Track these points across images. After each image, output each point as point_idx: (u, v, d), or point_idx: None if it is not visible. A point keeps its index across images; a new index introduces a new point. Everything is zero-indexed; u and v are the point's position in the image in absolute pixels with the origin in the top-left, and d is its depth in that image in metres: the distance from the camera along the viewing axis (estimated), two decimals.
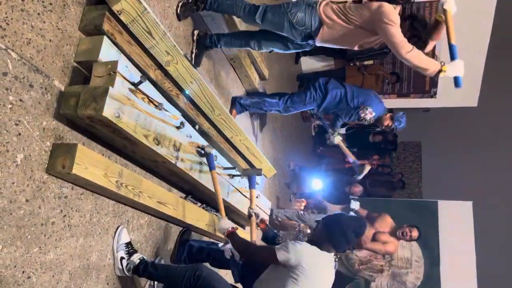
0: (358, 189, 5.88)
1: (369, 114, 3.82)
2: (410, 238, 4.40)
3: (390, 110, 4.08)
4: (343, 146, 4.41)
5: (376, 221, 4.52)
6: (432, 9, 6.10)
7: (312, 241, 2.11)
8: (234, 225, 2.31)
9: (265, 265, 2.15)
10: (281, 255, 1.96)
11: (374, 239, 4.38)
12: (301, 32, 2.64)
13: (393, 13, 2.45)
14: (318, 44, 2.79)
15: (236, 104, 3.78)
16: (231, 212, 3.26)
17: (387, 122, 3.99)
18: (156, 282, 2.33)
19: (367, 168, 4.74)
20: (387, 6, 2.47)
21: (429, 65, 2.50)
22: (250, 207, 2.56)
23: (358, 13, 2.57)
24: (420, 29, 2.66)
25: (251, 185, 2.73)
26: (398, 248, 4.59)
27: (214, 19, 3.14)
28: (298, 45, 2.89)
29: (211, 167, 2.41)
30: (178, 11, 2.72)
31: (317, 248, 2.05)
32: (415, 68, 2.53)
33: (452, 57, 2.45)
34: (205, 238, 3.06)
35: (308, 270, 1.94)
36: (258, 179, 3.69)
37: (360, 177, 4.97)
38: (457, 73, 2.48)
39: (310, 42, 2.80)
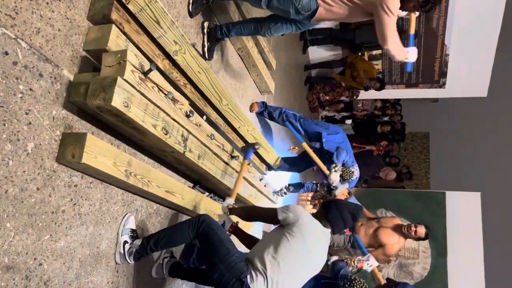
0: (393, 176, 6.02)
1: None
2: (415, 234, 3.93)
3: None
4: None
5: (383, 218, 4.41)
6: None
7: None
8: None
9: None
10: (281, 213, 2.11)
11: (375, 234, 4.06)
12: (307, 16, 2.62)
13: (395, 2, 2.43)
14: (313, 21, 2.75)
15: (260, 102, 4.01)
16: (237, 201, 3.28)
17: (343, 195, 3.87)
18: (165, 261, 2.36)
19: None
20: None
21: (400, 54, 2.67)
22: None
23: None
24: None
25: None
26: (399, 247, 4.12)
27: (223, 10, 3.13)
28: (306, 25, 2.86)
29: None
30: (190, 9, 2.72)
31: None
32: (389, 55, 2.72)
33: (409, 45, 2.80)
34: None
35: (304, 228, 2.05)
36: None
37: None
38: (412, 59, 2.75)
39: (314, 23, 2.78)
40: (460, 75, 6.68)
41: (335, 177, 3.65)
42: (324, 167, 3.72)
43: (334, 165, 3.67)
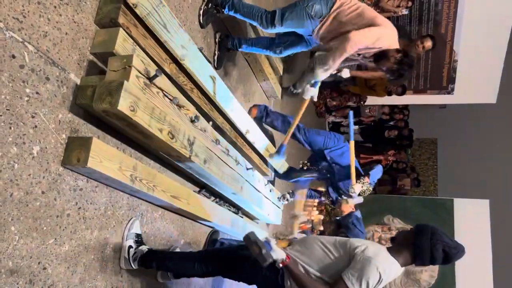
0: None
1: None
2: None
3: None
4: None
5: None
6: (451, 3, 5.97)
7: (393, 241, 1.96)
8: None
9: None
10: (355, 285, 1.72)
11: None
12: (319, 23, 2.62)
13: (362, 42, 2.42)
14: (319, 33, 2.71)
15: (260, 106, 3.76)
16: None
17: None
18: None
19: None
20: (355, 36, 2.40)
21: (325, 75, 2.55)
22: None
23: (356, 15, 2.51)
24: (406, 68, 2.58)
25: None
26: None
27: (233, 20, 3.15)
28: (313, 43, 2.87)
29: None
30: (201, 21, 2.75)
31: (391, 257, 1.83)
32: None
33: None
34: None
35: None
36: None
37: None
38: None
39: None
40: (469, 81, 6.62)
41: (358, 189, 3.51)
42: (353, 174, 3.53)
43: (364, 176, 3.56)
